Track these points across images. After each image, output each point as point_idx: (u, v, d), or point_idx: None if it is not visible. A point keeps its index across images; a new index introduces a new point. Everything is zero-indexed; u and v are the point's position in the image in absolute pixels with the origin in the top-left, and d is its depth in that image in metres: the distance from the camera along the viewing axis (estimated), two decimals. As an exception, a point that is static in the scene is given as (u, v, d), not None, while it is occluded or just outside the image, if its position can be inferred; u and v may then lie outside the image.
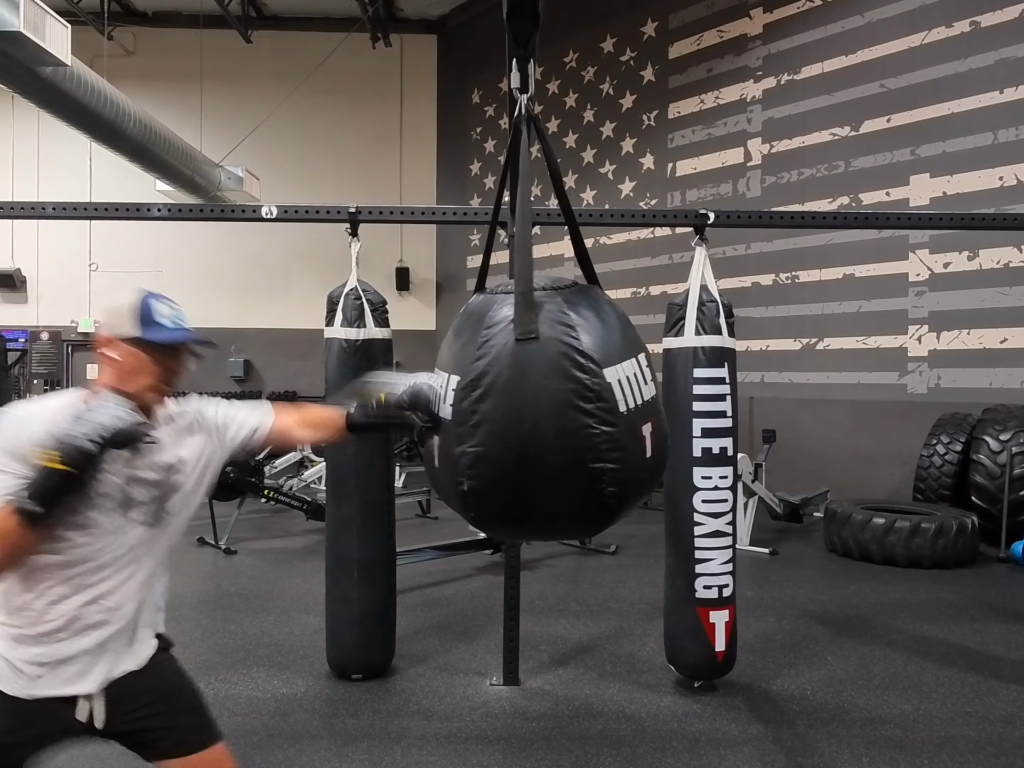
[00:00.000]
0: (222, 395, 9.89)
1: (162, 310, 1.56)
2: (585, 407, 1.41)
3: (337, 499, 3.37)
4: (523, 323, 1.45)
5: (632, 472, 1.46)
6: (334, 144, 12.34)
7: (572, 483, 1.43)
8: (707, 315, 3.17)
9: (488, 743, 2.88)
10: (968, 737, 2.96)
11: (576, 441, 1.41)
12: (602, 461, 1.41)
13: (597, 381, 1.42)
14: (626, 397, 1.45)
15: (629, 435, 1.45)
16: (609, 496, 1.44)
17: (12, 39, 5.58)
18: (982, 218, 3.55)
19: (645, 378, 1.52)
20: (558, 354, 1.43)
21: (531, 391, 1.43)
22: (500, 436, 1.45)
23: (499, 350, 1.47)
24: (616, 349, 1.49)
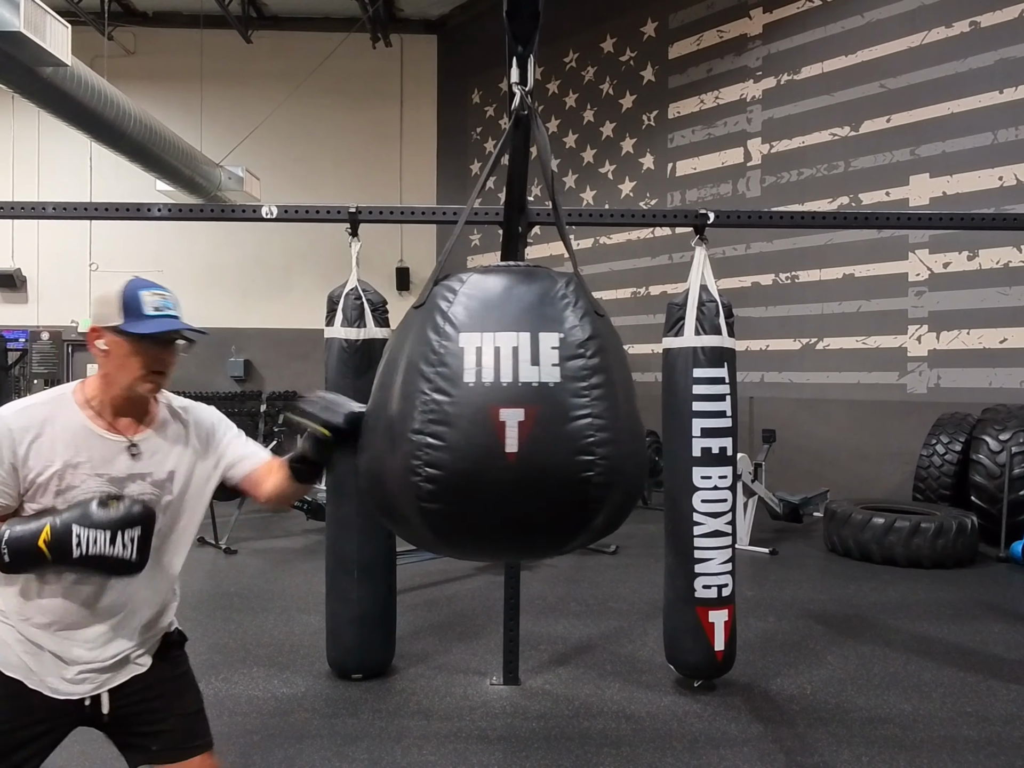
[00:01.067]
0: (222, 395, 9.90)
1: (148, 298, 1.50)
2: (424, 369, 1.26)
3: (337, 499, 3.38)
4: (422, 292, 1.43)
5: (461, 458, 1.21)
6: (334, 144, 12.34)
7: (396, 453, 1.26)
8: (707, 315, 3.17)
9: (488, 743, 2.88)
10: (968, 736, 2.97)
11: (406, 406, 1.26)
12: (420, 432, 1.22)
13: (446, 344, 1.26)
14: (481, 368, 1.23)
15: (469, 413, 1.21)
16: (423, 478, 1.21)
17: (12, 39, 5.58)
18: (982, 218, 3.55)
19: (539, 359, 1.24)
20: (425, 317, 1.34)
21: (402, 355, 1.36)
22: (375, 401, 1.41)
23: (402, 321, 1.48)
24: (497, 318, 1.28)
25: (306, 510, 6.39)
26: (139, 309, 1.48)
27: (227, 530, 5.93)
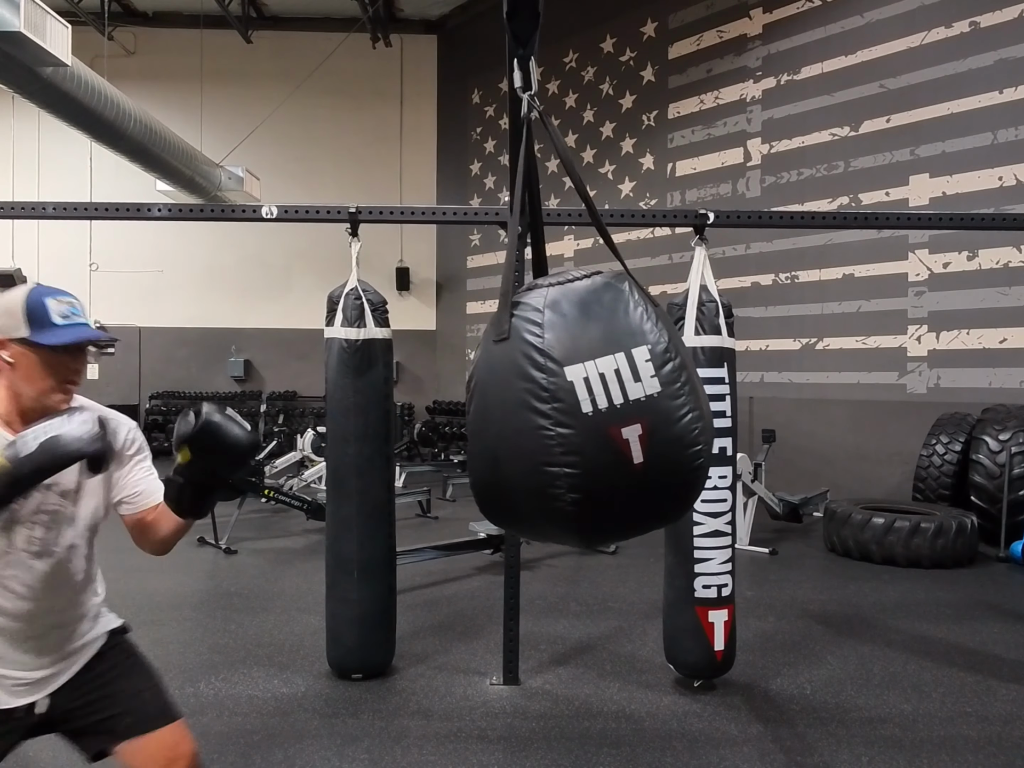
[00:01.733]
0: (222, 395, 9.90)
1: (55, 306, 1.43)
2: (539, 407, 1.34)
3: (337, 499, 3.38)
4: (497, 323, 1.44)
5: (599, 479, 1.34)
6: (334, 144, 12.35)
7: (532, 486, 1.38)
8: (707, 315, 3.18)
9: (488, 743, 2.88)
10: (967, 736, 2.97)
11: (530, 443, 1.35)
12: (555, 465, 1.34)
13: (554, 380, 1.35)
14: (594, 397, 1.34)
15: (593, 438, 1.34)
16: (568, 502, 1.35)
17: (12, 39, 5.59)
18: (981, 218, 3.56)
19: (639, 374, 1.37)
20: (519, 354, 1.39)
21: (498, 393, 1.42)
22: (479, 437, 1.48)
23: (482, 352, 1.50)
24: (592, 344, 1.38)
25: (306, 510, 6.39)
26: (46, 318, 1.41)
27: (227, 530, 5.94)
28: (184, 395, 12.31)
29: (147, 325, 12.40)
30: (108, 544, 1.74)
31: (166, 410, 12.27)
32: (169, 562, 5.52)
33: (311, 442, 8.04)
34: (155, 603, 4.51)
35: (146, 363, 12.46)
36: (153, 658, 3.80)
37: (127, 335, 12.32)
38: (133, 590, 4.76)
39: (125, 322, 12.25)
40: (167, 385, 12.39)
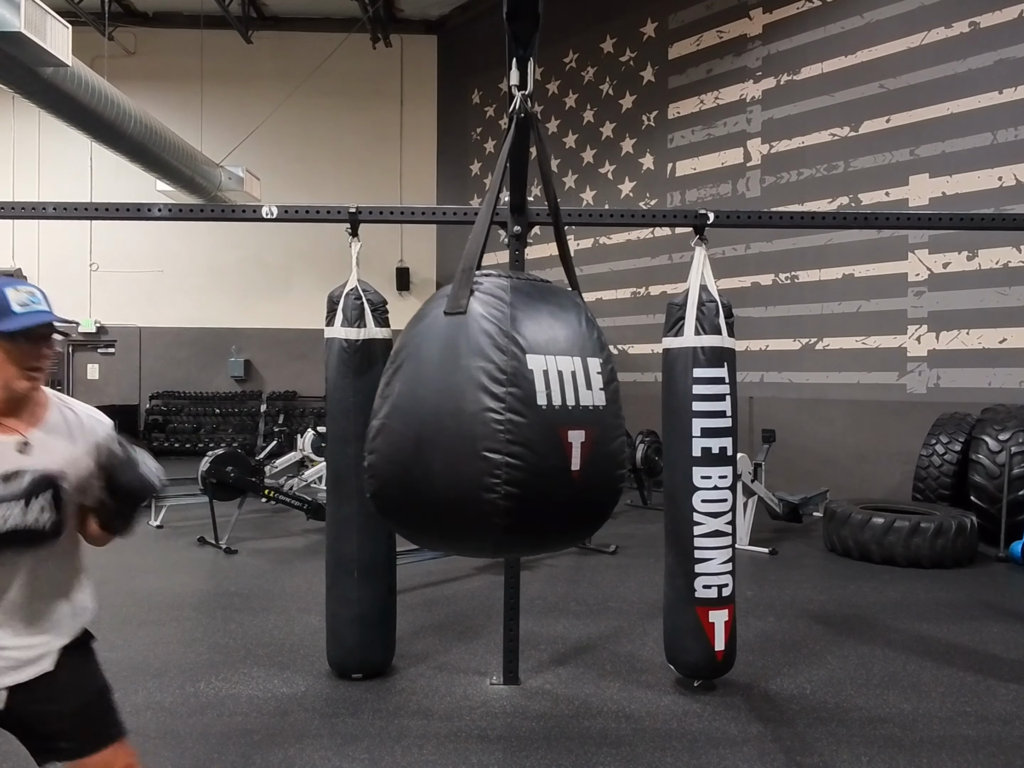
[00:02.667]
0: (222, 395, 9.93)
1: (13, 296, 1.48)
2: (492, 389, 1.27)
3: (337, 499, 3.38)
4: (455, 296, 1.37)
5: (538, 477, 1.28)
6: (334, 144, 12.36)
7: (463, 471, 1.28)
8: (707, 315, 3.18)
9: (488, 742, 2.89)
10: (967, 736, 2.97)
11: (474, 424, 1.27)
12: (498, 452, 1.26)
13: (515, 364, 1.29)
14: (550, 391, 1.30)
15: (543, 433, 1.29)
16: (501, 495, 1.26)
17: (13, 39, 5.59)
18: (981, 218, 3.56)
19: (590, 383, 1.35)
20: (480, 330, 1.31)
21: (443, 367, 1.33)
22: (403, 411, 1.37)
23: (426, 324, 1.41)
24: (555, 340, 1.34)
25: (306, 510, 6.39)
26: (6, 307, 1.46)
27: (227, 530, 5.94)
28: (184, 395, 12.31)
29: (147, 325, 12.41)
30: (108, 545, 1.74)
31: (166, 410, 12.28)
32: (169, 562, 5.53)
33: (311, 442, 8.04)
34: (156, 603, 4.52)
35: (146, 363, 12.46)
36: (153, 658, 3.81)
37: (127, 335, 12.33)
38: (134, 590, 4.76)
39: (125, 322, 12.26)
40: (167, 385, 12.39)
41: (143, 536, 6.35)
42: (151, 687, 3.31)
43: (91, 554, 1.70)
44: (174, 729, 2.94)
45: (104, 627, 4.09)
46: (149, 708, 3.11)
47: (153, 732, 2.92)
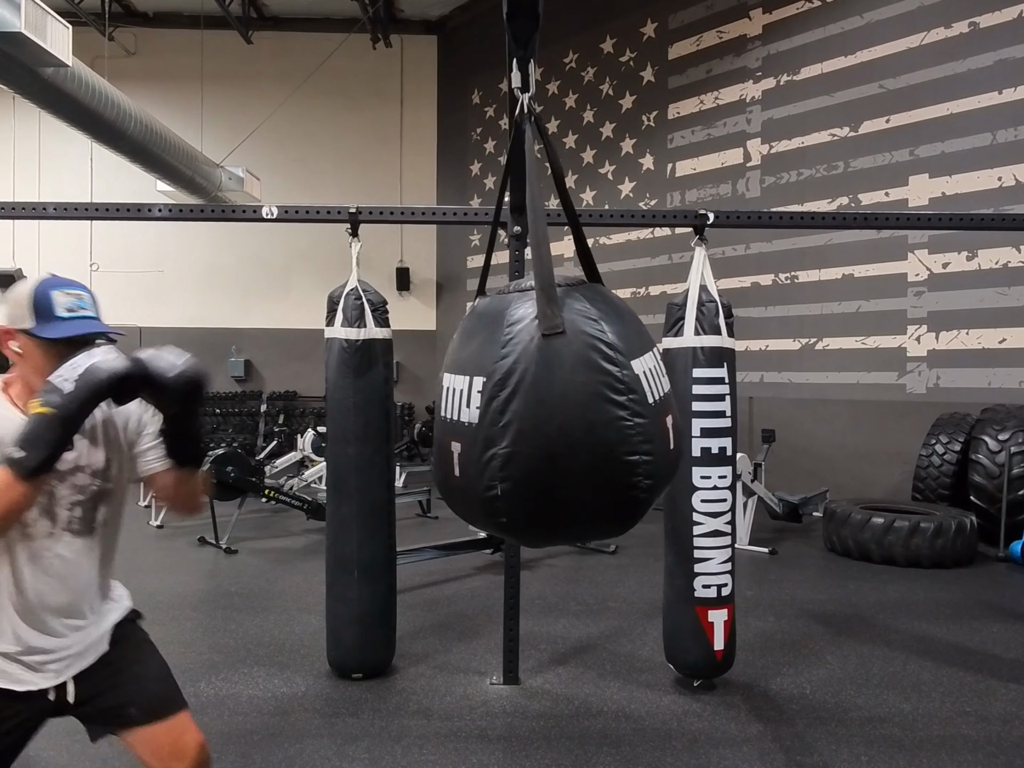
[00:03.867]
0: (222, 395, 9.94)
1: (60, 299, 1.43)
2: (617, 399, 1.39)
3: (337, 499, 3.38)
4: (548, 318, 1.41)
5: (662, 464, 1.46)
6: (334, 145, 12.36)
7: (605, 478, 1.41)
8: (706, 315, 3.18)
9: (488, 742, 2.89)
10: (967, 736, 2.97)
11: (608, 434, 1.38)
12: (636, 453, 1.39)
13: (627, 373, 1.40)
14: (652, 389, 1.44)
15: (657, 426, 1.44)
16: (643, 489, 1.42)
17: (13, 40, 5.59)
18: (981, 218, 3.56)
19: (662, 371, 1.53)
20: (586, 347, 1.40)
21: (559, 387, 1.40)
22: (529, 435, 1.41)
23: (524, 346, 1.42)
24: (636, 342, 1.48)
25: (306, 510, 6.40)
26: (50, 311, 1.42)
27: (227, 530, 5.94)
28: (184, 395, 12.30)
29: (148, 325, 12.40)
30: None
31: (166, 410, 12.27)
32: (170, 562, 5.54)
33: (311, 442, 8.05)
34: (156, 603, 4.52)
35: (146, 363, 12.45)
36: (154, 658, 3.79)
37: (128, 335, 12.29)
38: (134, 590, 4.74)
39: (126, 322, 12.25)
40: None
41: (143, 536, 6.36)
42: (151, 687, 3.32)
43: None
44: (174, 729, 2.94)
45: (104, 627, 4.10)
46: (149, 708, 3.11)
47: (153, 732, 2.92)
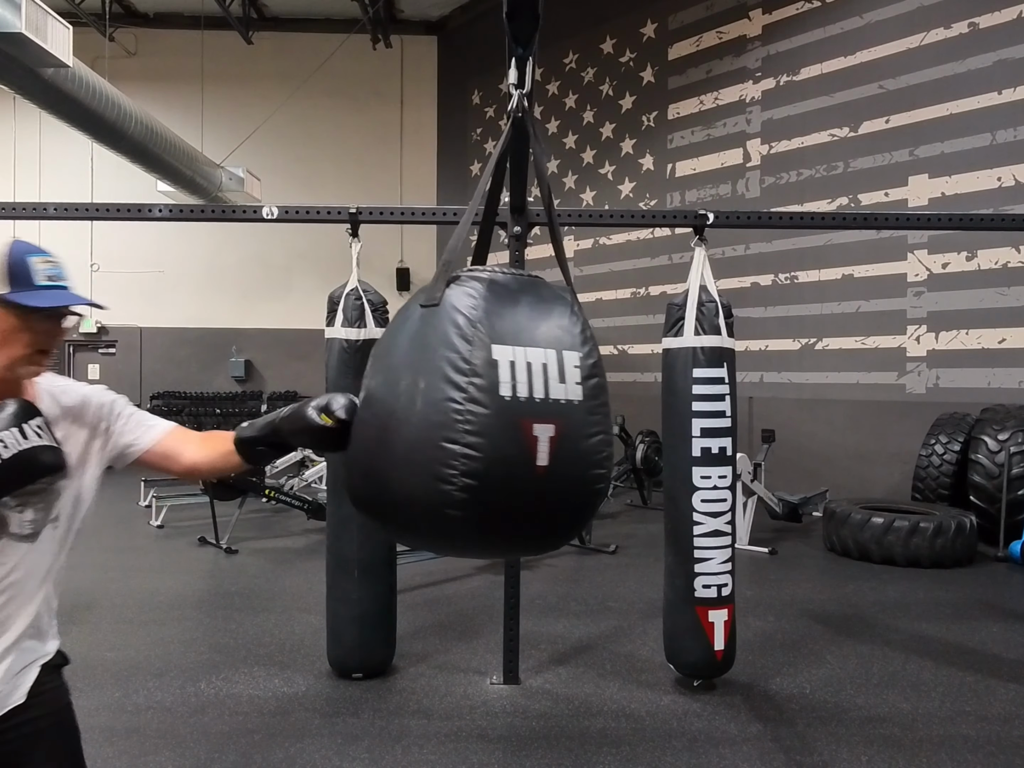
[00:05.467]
0: (223, 395, 9.93)
1: (39, 266, 1.28)
2: (454, 378, 1.26)
3: (338, 498, 3.39)
4: (431, 289, 1.37)
5: (499, 470, 1.25)
6: (335, 145, 12.36)
7: (421, 460, 1.26)
8: (706, 315, 3.18)
9: (488, 742, 2.89)
10: (967, 736, 2.97)
11: (434, 414, 1.26)
12: (455, 443, 1.24)
13: (479, 353, 1.27)
14: (516, 382, 1.27)
15: (505, 425, 1.26)
16: (459, 487, 1.24)
17: (14, 40, 5.60)
18: (980, 219, 3.56)
19: (564, 376, 1.32)
20: (448, 320, 1.31)
21: (408, 356, 1.34)
22: (372, 400, 1.36)
23: (403, 316, 1.42)
24: (528, 332, 1.33)
25: (307, 510, 6.40)
26: (29, 277, 1.26)
27: (228, 530, 5.94)
28: (185, 395, 12.32)
29: (148, 325, 12.41)
30: (109, 544, 1.73)
31: (167, 410, 12.27)
32: (170, 562, 5.54)
33: (312, 442, 8.03)
34: (156, 603, 4.52)
35: (147, 363, 12.47)
36: (154, 657, 3.82)
37: (128, 335, 12.34)
38: (134, 590, 4.77)
39: (126, 322, 12.26)
40: (168, 385, 12.40)
41: (143, 536, 6.36)
42: (151, 687, 3.32)
43: (90, 554, 1.70)
44: (175, 729, 2.95)
45: (104, 627, 4.10)
46: (150, 708, 3.12)
47: (154, 732, 2.92)
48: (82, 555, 5.87)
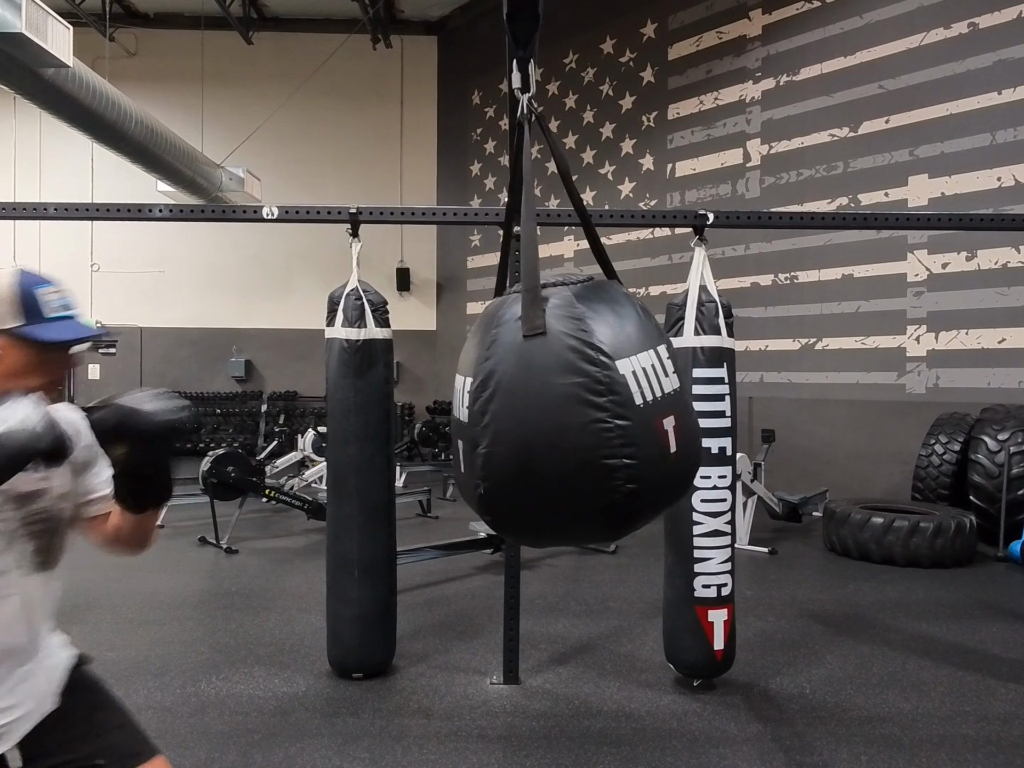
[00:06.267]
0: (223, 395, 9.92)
1: (48, 296, 1.27)
2: (595, 400, 1.34)
3: (338, 498, 3.39)
4: (529, 319, 1.40)
5: (650, 468, 1.39)
6: (335, 145, 12.36)
7: (582, 481, 1.36)
8: (706, 315, 3.18)
9: (488, 742, 2.90)
10: (966, 735, 2.98)
11: (584, 437, 1.34)
12: (615, 457, 1.34)
13: (608, 374, 1.36)
14: (642, 389, 1.39)
15: (645, 429, 1.38)
16: (623, 494, 1.36)
17: (14, 40, 5.60)
18: (980, 219, 3.56)
19: (666, 370, 1.45)
20: (565, 348, 1.37)
21: (535, 388, 1.38)
22: (506, 436, 1.41)
23: (506, 348, 1.44)
24: (631, 340, 1.42)
25: (307, 510, 6.40)
26: (40, 310, 1.25)
27: (228, 530, 5.95)
28: (185, 395, 12.33)
29: (148, 325, 12.42)
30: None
31: (167, 410, 12.27)
32: (170, 562, 5.54)
33: (312, 442, 8.05)
34: (157, 603, 4.53)
35: (147, 363, 12.47)
36: (154, 657, 3.82)
37: (128, 336, 12.33)
38: (135, 590, 4.77)
39: (126, 322, 12.26)
40: (168, 385, 12.39)
41: (144, 536, 6.36)
42: (151, 687, 3.32)
43: (89, 553, 1.69)
44: (175, 729, 2.95)
45: (105, 627, 4.10)
46: (150, 708, 3.12)
47: (154, 732, 2.89)
48: (82, 555, 5.86)
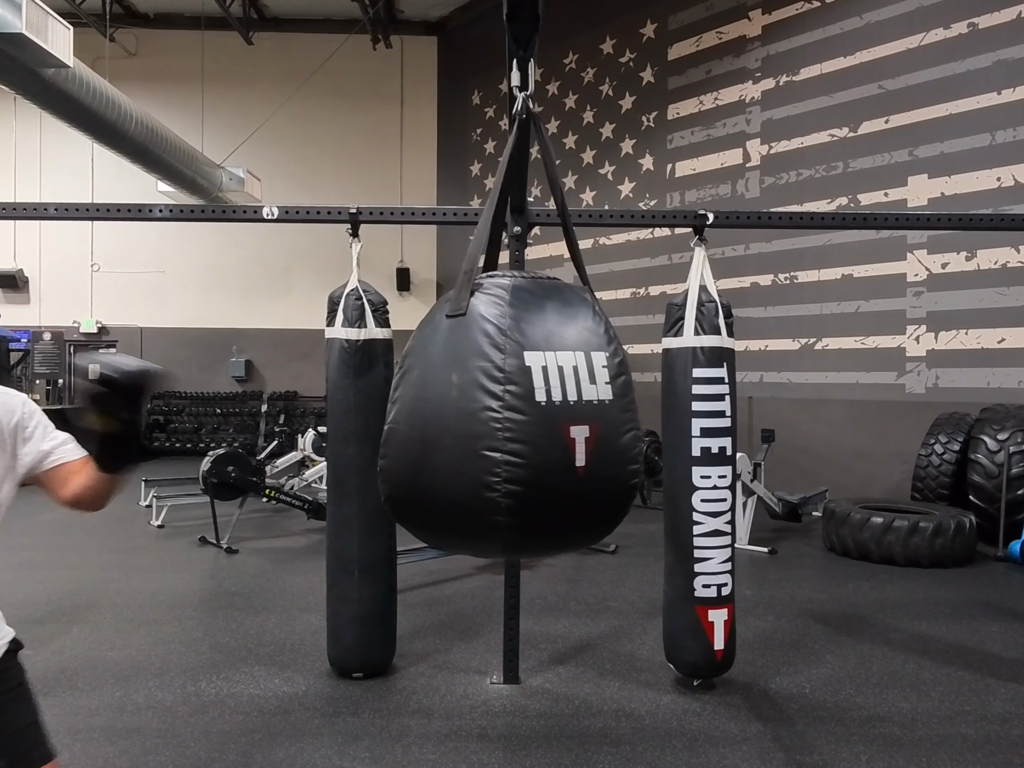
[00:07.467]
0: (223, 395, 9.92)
1: None
2: (490, 388, 1.27)
3: (338, 498, 3.39)
4: (456, 299, 1.38)
5: (540, 474, 1.26)
6: (335, 145, 12.37)
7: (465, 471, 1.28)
8: (706, 315, 3.18)
9: (488, 741, 2.90)
10: (966, 735, 2.98)
11: (473, 424, 1.27)
12: (497, 451, 1.25)
13: (511, 362, 1.28)
14: (549, 387, 1.29)
15: (545, 430, 1.28)
16: (501, 493, 1.25)
17: (14, 41, 5.60)
18: (980, 219, 3.57)
19: (595, 378, 1.34)
20: (479, 330, 1.32)
21: (443, 369, 1.34)
22: (409, 413, 1.37)
23: (432, 328, 1.42)
24: (556, 337, 1.33)
25: (307, 509, 6.40)
26: None
27: (228, 529, 5.95)
28: (185, 395, 12.32)
29: (148, 325, 12.42)
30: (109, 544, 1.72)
31: (167, 410, 12.29)
32: (170, 562, 5.54)
33: (312, 442, 8.05)
34: (157, 602, 4.53)
35: (147, 364, 12.47)
36: (155, 657, 3.82)
37: (128, 335, 12.34)
38: (135, 589, 4.77)
39: (126, 322, 12.27)
40: (168, 385, 12.40)
41: (144, 536, 6.36)
42: (152, 686, 3.33)
43: (91, 554, 1.69)
44: (175, 728, 2.95)
45: (105, 627, 4.11)
46: (150, 707, 3.12)
47: (154, 731, 2.93)
48: (82, 555, 5.88)
